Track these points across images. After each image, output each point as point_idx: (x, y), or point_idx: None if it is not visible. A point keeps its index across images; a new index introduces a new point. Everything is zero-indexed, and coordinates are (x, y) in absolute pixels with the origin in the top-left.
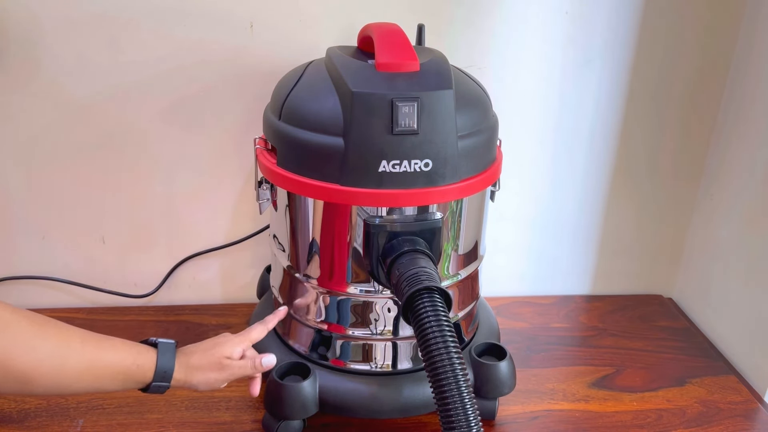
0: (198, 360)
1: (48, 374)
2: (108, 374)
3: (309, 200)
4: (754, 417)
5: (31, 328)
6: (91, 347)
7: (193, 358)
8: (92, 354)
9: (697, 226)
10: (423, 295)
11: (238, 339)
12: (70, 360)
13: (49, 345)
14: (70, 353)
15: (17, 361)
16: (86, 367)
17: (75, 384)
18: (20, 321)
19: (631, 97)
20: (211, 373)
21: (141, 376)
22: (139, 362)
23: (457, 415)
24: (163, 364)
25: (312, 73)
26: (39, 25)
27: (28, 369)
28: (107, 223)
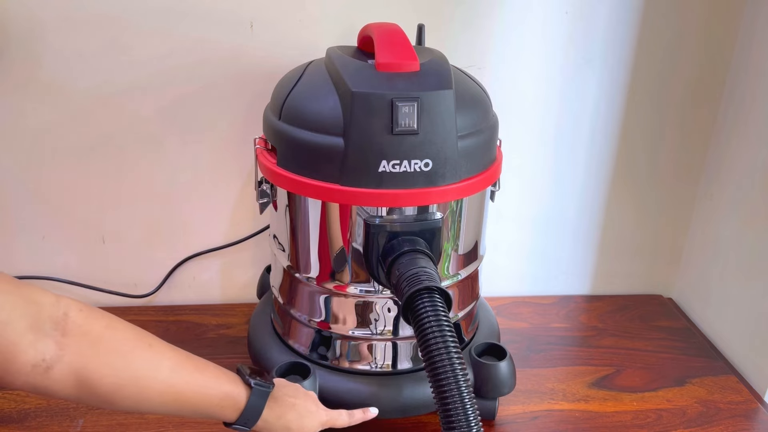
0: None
1: (129, 398)
2: (189, 408)
3: (309, 200)
4: (754, 417)
5: (122, 347)
6: (179, 379)
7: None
8: (178, 387)
9: (697, 226)
10: (423, 295)
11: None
12: (154, 389)
13: (135, 371)
14: (155, 383)
15: (101, 384)
16: (169, 400)
17: (156, 409)
18: (112, 338)
19: (631, 97)
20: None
21: (223, 416)
22: (225, 404)
23: (457, 415)
24: (249, 413)
25: (312, 73)
26: (39, 25)
27: (111, 392)
28: (107, 223)
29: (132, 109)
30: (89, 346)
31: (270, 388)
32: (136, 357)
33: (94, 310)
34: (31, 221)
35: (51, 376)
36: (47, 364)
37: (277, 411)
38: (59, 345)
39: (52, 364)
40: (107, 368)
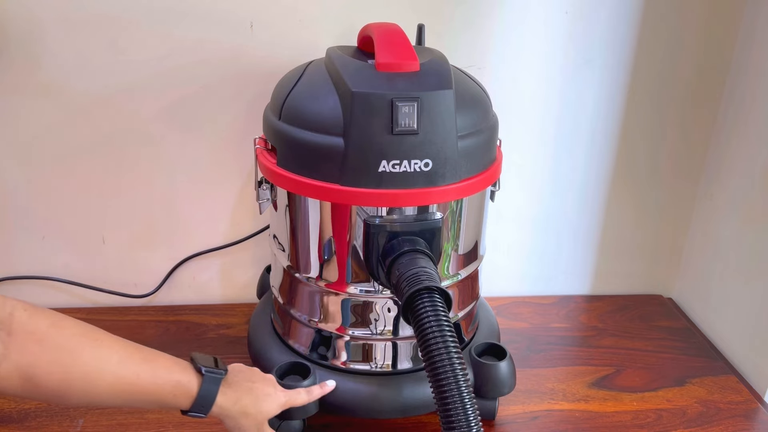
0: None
1: (79, 393)
2: (142, 399)
3: (309, 200)
4: (754, 417)
5: (68, 344)
6: (127, 370)
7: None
8: (128, 378)
9: (697, 226)
10: (423, 295)
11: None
12: (103, 381)
13: (83, 366)
14: (104, 376)
15: (48, 380)
16: (119, 391)
17: (107, 401)
18: (58, 336)
19: (631, 97)
20: (248, 424)
21: (177, 404)
22: (177, 392)
23: (457, 415)
24: (202, 399)
25: (312, 73)
26: (39, 25)
27: (59, 388)
28: (107, 223)
29: (132, 109)
30: (34, 344)
31: (222, 374)
32: (83, 352)
33: (39, 310)
34: (31, 221)
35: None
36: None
37: (232, 396)
38: (4, 344)
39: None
40: (54, 365)
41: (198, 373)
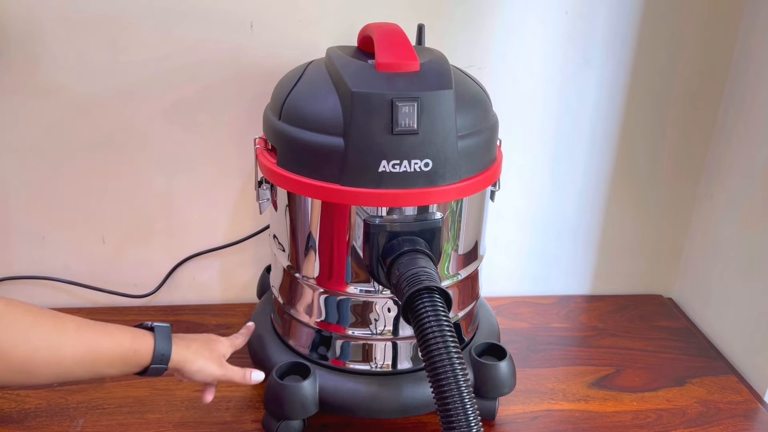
0: (198, 349)
1: (45, 363)
2: (105, 360)
3: (309, 200)
4: (754, 417)
5: (26, 318)
6: (86, 334)
7: (194, 345)
8: (88, 341)
9: (697, 226)
10: (423, 295)
11: (229, 342)
12: (66, 348)
13: (44, 334)
14: (65, 341)
15: (13, 352)
16: (82, 354)
17: (73, 371)
18: (14, 311)
19: (631, 97)
20: (210, 365)
21: (138, 360)
22: (136, 347)
23: (457, 415)
24: (160, 348)
25: (312, 73)
26: (39, 25)
27: (25, 359)
28: (107, 223)
29: (132, 109)
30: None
31: (169, 326)
32: (42, 324)
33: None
34: (31, 221)
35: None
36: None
37: (183, 343)
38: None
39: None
40: (17, 338)
41: (149, 330)
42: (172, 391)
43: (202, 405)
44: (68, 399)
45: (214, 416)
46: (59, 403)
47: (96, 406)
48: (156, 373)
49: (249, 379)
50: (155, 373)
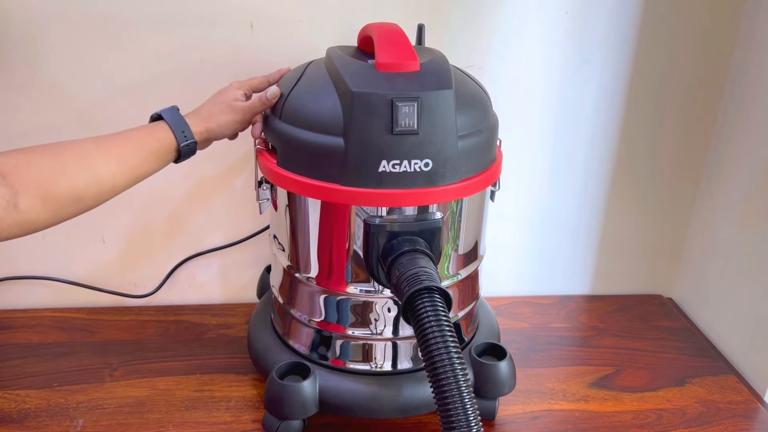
0: (207, 109)
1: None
2: (139, 163)
3: (309, 200)
4: (754, 417)
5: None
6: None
7: (203, 109)
8: (116, 155)
9: (697, 226)
10: (423, 295)
11: (238, 83)
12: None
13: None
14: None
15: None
16: (116, 167)
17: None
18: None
19: (631, 97)
20: (224, 116)
21: (167, 147)
22: (158, 137)
23: (457, 415)
24: (176, 124)
25: (312, 73)
26: (39, 25)
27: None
28: (107, 223)
29: (132, 109)
30: (27, 170)
31: (173, 107)
32: (65, 148)
33: (7, 151)
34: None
35: (22, 208)
36: (11, 201)
37: (193, 114)
38: (7, 185)
39: (14, 200)
40: (54, 171)
41: (158, 118)
42: (172, 391)
43: (202, 405)
44: (68, 399)
45: (214, 416)
46: (59, 403)
47: (96, 406)
48: (190, 152)
49: (267, 99)
50: (188, 152)
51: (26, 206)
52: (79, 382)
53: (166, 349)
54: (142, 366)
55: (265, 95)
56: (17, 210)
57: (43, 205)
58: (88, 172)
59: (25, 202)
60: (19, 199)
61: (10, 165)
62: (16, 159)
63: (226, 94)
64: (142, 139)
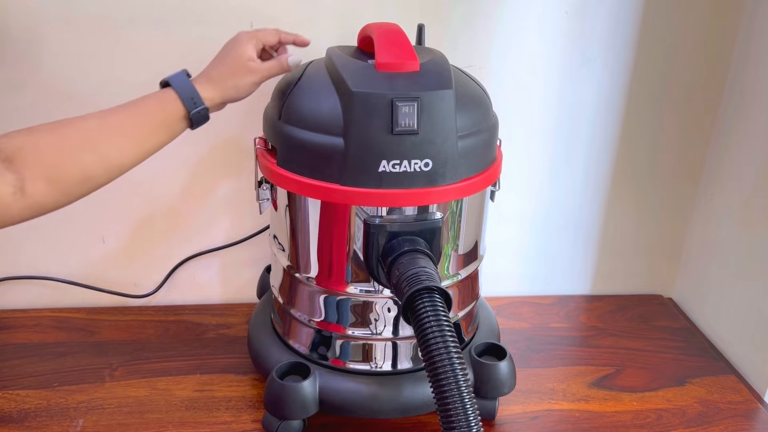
0: (219, 70)
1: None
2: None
3: (309, 200)
4: (754, 417)
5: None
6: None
7: (213, 71)
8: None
9: (697, 226)
10: (423, 295)
11: (247, 36)
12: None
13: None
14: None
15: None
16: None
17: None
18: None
19: (631, 97)
20: (240, 78)
21: (177, 117)
22: (165, 106)
23: (457, 415)
24: (184, 92)
25: (312, 73)
26: (39, 25)
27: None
28: (107, 223)
29: None
30: (33, 153)
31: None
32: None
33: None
34: (32, 221)
35: (29, 193)
36: (18, 186)
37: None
38: (13, 169)
39: (21, 185)
40: (61, 152)
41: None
42: (172, 391)
43: (202, 405)
44: (68, 399)
45: (214, 416)
46: (59, 403)
47: (96, 406)
48: (202, 119)
49: (287, 66)
50: (200, 119)
51: (34, 191)
52: (79, 382)
53: (166, 349)
54: (142, 366)
55: (286, 62)
56: (25, 195)
57: (51, 188)
58: (93, 152)
59: (33, 186)
60: (26, 184)
61: (14, 148)
62: (21, 142)
63: (238, 51)
64: (149, 111)
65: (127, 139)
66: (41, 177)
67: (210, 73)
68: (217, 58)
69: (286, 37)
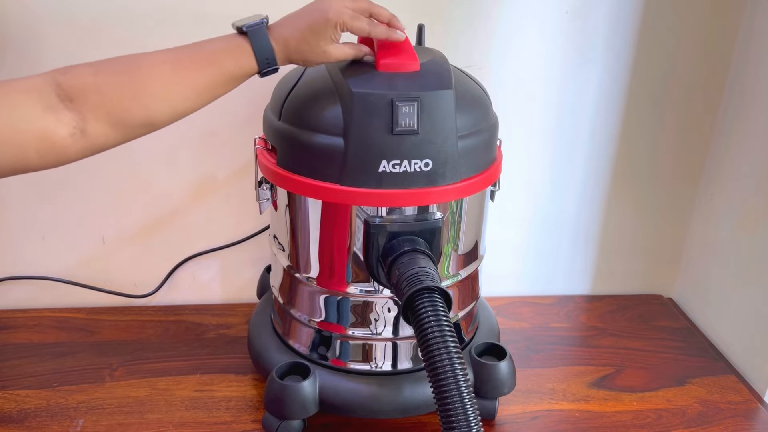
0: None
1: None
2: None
3: (309, 200)
4: (754, 417)
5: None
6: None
7: (292, 39)
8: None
9: (697, 226)
10: (423, 295)
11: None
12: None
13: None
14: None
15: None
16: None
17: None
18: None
19: (631, 97)
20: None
21: (247, 73)
22: (240, 63)
23: (457, 415)
24: (261, 52)
25: (312, 73)
26: (39, 25)
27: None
28: (107, 223)
29: None
30: (97, 96)
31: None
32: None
33: (73, 68)
34: (31, 221)
35: (90, 135)
36: (79, 128)
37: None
38: (75, 110)
39: (82, 125)
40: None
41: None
42: (172, 391)
43: (202, 405)
44: (68, 399)
45: (214, 416)
46: (59, 403)
47: (96, 406)
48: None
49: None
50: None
51: (95, 132)
52: (79, 382)
53: (166, 349)
54: (142, 366)
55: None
56: (85, 136)
57: (113, 129)
58: (162, 98)
59: (94, 128)
60: (87, 125)
61: (77, 88)
62: (85, 82)
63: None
64: (223, 65)
65: (197, 89)
66: (104, 119)
67: (288, 40)
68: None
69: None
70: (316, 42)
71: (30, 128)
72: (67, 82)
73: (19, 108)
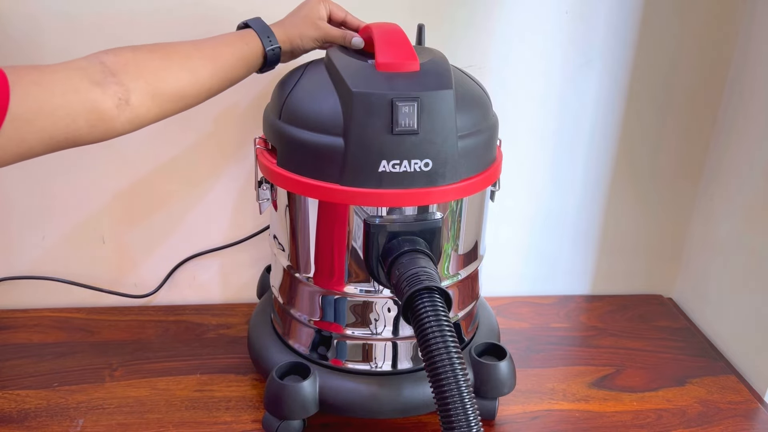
0: (291, 20)
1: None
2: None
3: (309, 200)
4: (754, 417)
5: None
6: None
7: (286, 20)
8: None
9: (697, 225)
10: (423, 295)
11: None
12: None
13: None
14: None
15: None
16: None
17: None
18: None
19: (631, 97)
20: (308, 30)
21: (254, 51)
22: (246, 39)
23: (457, 415)
24: (261, 30)
25: (312, 73)
26: (38, 25)
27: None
28: (107, 223)
29: None
30: (136, 68)
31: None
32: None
33: (113, 48)
34: (31, 221)
35: (133, 105)
36: (124, 98)
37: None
38: (119, 83)
39: (126, 96)
40: (160, 69)
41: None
42: (172, 391)
43: (202, 405)
44: (68, 399)
45: (214, 416)
46: (59, 403)
47: (96, 406)
48: (275, 58)
49: (350, 43)
50: (274, 58)
51: (138, 102)
52: (79, 382)
53: (166, 349)
54: (142, 366)
55: (350, 39)
56: (130, 106)
57: (152, 101)
58: (190, 72)
59: (137, 98)
60: (131, 95)
61: (119, 63)
62: (125, 58)
63: (313, 9)
64: (234, 43)
65: (217, 66)
66: (144, 90)
67: (283, 22)
68: (291, 13)
69: (352, 20)
70: (308, 17)
71: (79, 99)
72: (110, 60)
73: (69, 82)
